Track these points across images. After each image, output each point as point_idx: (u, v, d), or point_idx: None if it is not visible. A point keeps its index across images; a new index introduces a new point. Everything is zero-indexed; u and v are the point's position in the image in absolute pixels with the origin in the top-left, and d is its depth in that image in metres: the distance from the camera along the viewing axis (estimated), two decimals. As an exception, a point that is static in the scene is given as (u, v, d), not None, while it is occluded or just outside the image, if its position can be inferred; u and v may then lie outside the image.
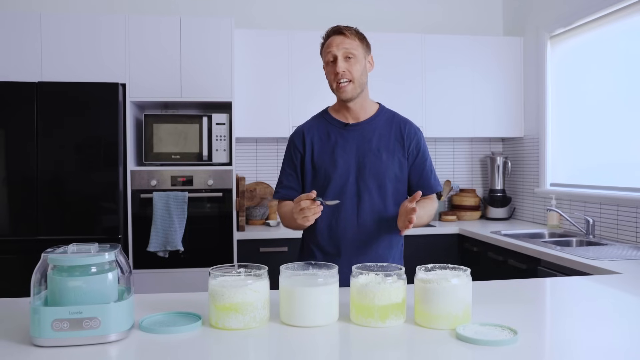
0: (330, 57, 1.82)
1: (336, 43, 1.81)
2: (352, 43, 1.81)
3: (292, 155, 1.93)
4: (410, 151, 1.88)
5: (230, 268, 1.39)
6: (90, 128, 3.20)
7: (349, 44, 1.80)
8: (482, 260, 3.29)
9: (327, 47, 1.84)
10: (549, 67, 3.73)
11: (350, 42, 1.81)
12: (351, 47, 1.80)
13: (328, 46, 1.83)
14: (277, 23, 4.02)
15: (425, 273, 1.36)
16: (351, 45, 1.81)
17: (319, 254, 1.87)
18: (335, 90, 1.84)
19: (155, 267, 3.30)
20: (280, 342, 1.27)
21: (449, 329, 1.28)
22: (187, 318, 1.37)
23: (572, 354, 1.19)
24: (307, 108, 2.27)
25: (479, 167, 4.35)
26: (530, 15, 3.94)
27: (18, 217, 3.14)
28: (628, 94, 3.03)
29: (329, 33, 1.85)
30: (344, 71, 1.79)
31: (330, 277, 1.37)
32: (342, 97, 1.83)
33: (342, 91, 1.82)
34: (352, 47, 1.81)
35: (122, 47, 3.34)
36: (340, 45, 1.80)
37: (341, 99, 1.85)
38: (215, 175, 3.37)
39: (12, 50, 3.25)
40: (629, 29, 3.03)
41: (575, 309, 1.58)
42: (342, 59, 1.80)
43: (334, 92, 1.86)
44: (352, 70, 1.80)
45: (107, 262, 1.24)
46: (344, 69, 1.79)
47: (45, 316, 1.17)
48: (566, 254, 2.53)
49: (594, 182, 3.31)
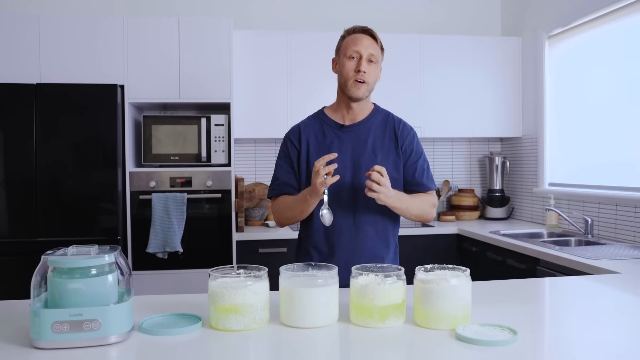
0: (356, 54, 1.83)
1: (365, 44, 1.83)
2: (377, 50, 1.86)
3: (288, 151, 1.93)
4: (404, 150, 1.89)
5: (230, 269, 1.39)
6: (88, 130, 3.20)
7: (375, 50, 1.85)
8: (481, 261, 3.30)
9: (354, 43, 1.84)
10: (547, 67, 3.74)
11: (376, 49, 1.86)
12: (376, 52, 1.85)
13: (355, 42, 1.84)
14: (275, 24, 4.02)
15: (424, 273, 1.36)
16: (376, 52, 1.86)
17: (315, 254, 1.87)
18: (350, 86, 1.84)
19: (155, 269, 3.30)
20: (280, 343, 1.27)
21: (448, 329, 1.28)
22: (187, 319, 1.37)
23: (572, 353, 1.20)
24: (306, 108, 2.27)
25: (478, 167, 4.36)
26: (528, 15, 3.94)
27: (17, 219, 3.14)
28: (626, 93, 3.04)
29: (358, 30, 1.87)
30: (364, 72, 1.82)
31: (330, 278, 1.37)
32: (353, 95, 1.84)
33: (356, 88, 1.83)
34: (376, 53, 1.86)
35: (121, 49, 3.33)
36: (369, 48, 1.83)
37: (350, 96, 1.85)
38: (214, 176, 3.37)
39: (10, 52, 3.24)
40: (626, 29, 3.04)
41: (575, 308, 1.58)
42: (367, 61, 1.83)
43: (343, 87, 1.86)
44: (371, 74, 1.84)
45: (107, 264, 1.24)
46: (365, 69, 1.82)
47: (45, 318, 1.17)
48: (565, 253, 2.53)
49: (592, 181, 3.31)
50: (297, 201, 1.82)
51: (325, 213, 1.75)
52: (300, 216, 1.85)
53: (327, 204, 1.75)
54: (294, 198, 1.85)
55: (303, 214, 1.84)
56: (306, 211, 1.82)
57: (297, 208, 1.83)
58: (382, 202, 1.72)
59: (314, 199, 1.75)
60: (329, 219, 1.76)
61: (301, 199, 1.80)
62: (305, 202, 1.77)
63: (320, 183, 1.68)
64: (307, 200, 1.76)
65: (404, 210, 1.81)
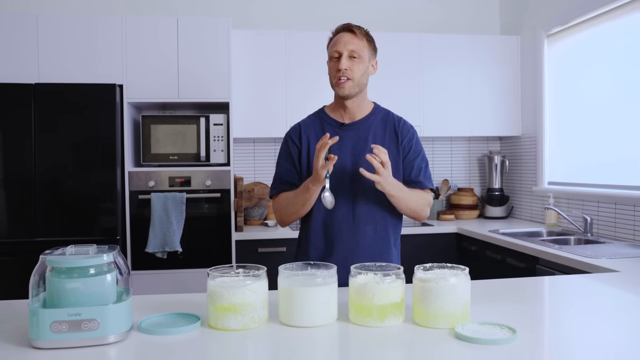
0: (335, 54, 1.82)
1: (344, 41, 1.81)
2: (359, 43, 1.82)
3: (289, 149, 1.92)
4: (403, 147, 1.89)
5: (229, 269, 1.39)
6: (87, 129, 3.19)
7: (356, 44, 1.81)
8: (480, 259, 3.29)
9: (334, 43, 1.84)
10: (546, 66, 3.74)
11: (358, 42, 1.82)
12: (358, 47, 1.81)
13: (335, 42, 1.84)
14: (274, 23, 4.02)
15: (423, 272, 1.36)
16: (358, 46, 1.81)
17: (315, 253, 1.87)
18: (335, 86, 1.85)
19: (154, 268, 3.29)
20: (279, 342, 1.27)
21: (447, 328, 1.28)
22: (186, 319, 1.37)
23: (571, 352, 1.19)
24: (305, 108, 2.27)
25: (477, 166, 4.36)
26: (527, 14, 3.94)
27: (15, 219, 3.14)
28: (625, 92, 3.04)
29: (339, 29, 1.86)
30: (345, 69, 1.79)
31: (329, 277, 1.37)
32: (340, 94, 1.84)
33: (340, 87, 1.82)
34: (358, 47, 1.81)
35: (119, 48, 3.33)
36: (347, 44, 1.80)
37: (339, 95, 1.85)
38: (213, 175, 3.37)
39: (9, 52, 3.24)
40: (625, 27, 3.04)
41: (574, 307, 1.58)
42: (347, 57, 1.80)
43: (333, 88, 1.87)
44: (353, 69, 1.81)
45: (106, 264, 1.24)
46: (346, 66, 1.79)
47: (43, 318, 1.16)
48: (564, 252, 2.53)
49: (591, 180, 3.31)
50: (298, 193, 1.81)
51: (327, 195, 1.73)
52: (302, 209, 1.83)
53: (329, 188, 1.73)
54: (294, 192, 1.84)
55: (305, 206, 1.81)
56: (308, 202, 1.80)
57: (299, 200, 1.81)
58: (381, 187, 1.70)
59: (317, 186, 1.74)
60: (330, 201, 1.73)
61: (303, 188, 1.79)
62: (308, 191, 1.76)
63: (322, 166, 1.67)
64: (310, 188, 1.75)
65: (401, 201, 1.79)
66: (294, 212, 1.85)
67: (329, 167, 1.67)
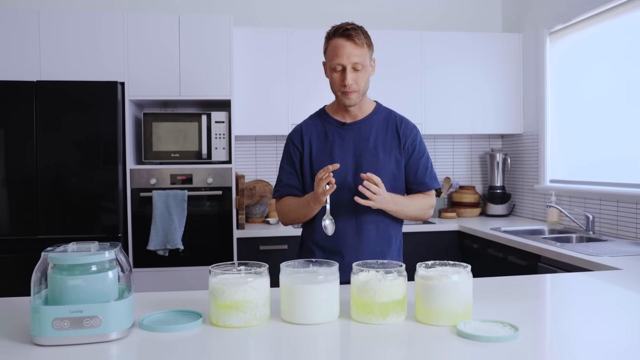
0: (339, 67, 1.78)
1: (346, 53, 1.75)
2: (361, 52, 1.77)
3: (291, 153, 1.93)
4: (406, 148, 1.89)
5: (231, 266, 1.39)
6: (89, 127, 3.19)
7: (358, 55, 1.76)
8: (482, 257, 3.29)
9: (335, 54, 1.77)
10: (548, 64, 3.73)
11: (360, 52, 1.76)
12: (361, 58, 1.76)
13: (337, 53, 1.77)
14: (276, 21, 4.02)
15: (425, 270, 1.36)
16: (360, 57, 1.76)
17: (318, 252, 1.88)
18: (340, 97, 1.83)
19: (155, 266, 3.30)
20: (281, 339, 1.27)
21: (449, 326, 1.28)
22: (187, 316, 1.37)
23: (573, 349, 1.19)
24: (306, 106, 2.27)
25: (479, 164, 4.35)
26: (529, 12, 3.93)
27: (17, 216, 3.14)
28: (628, 90, 3.03)
29: (337, 35, 1.78)
30: (352, 83, 1.77)
31: (331, 275, 1.37)
32: (347, 104, 1.84)
33: (346, 99, 1.81)
34: (361, 58, 1.77)
35: (121, 46, 3.33)
36: (350, 56, 1.75)
37: (344, 105, 1.85)
38: (215, 173, 3.37)
39: (10, 49, 3.24)
40: (628, 25, 3.03)
41: (576, 305, 1.58)
42: (351, 70, 1.77)
43: (336, 95, 1.86)
44: (359, 82, 1.79)
45: (108, 261, 1.24)
46: (352, 81, 1.77)
47: (45, 315, 1.17)
48: (566, 250, 2.53)
49: (593, 178, 3.31)
50: (300, 205, 1.85)
51: (328, 224, 1.76)
52: (304, 219, 1.89)
53: (329, 213, 1.76)
54: (297, 202, 1.88)
55: (306, 217, 1.87)
56: (309, 215, 1.85)
57: (300, 212, 1.86)
58: (378, 207, 1.75)
59: (317, 206, 1.79)
60: (331, 229, 1.77)
61: (304, 203, 1.83)
62: (309, 207, 1.81)
63: (322, 193, 1.69)
64: (311, 206, 1.80)
65: (400, 213, 1.85)
66: (295, 219, 1.92)
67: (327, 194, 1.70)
